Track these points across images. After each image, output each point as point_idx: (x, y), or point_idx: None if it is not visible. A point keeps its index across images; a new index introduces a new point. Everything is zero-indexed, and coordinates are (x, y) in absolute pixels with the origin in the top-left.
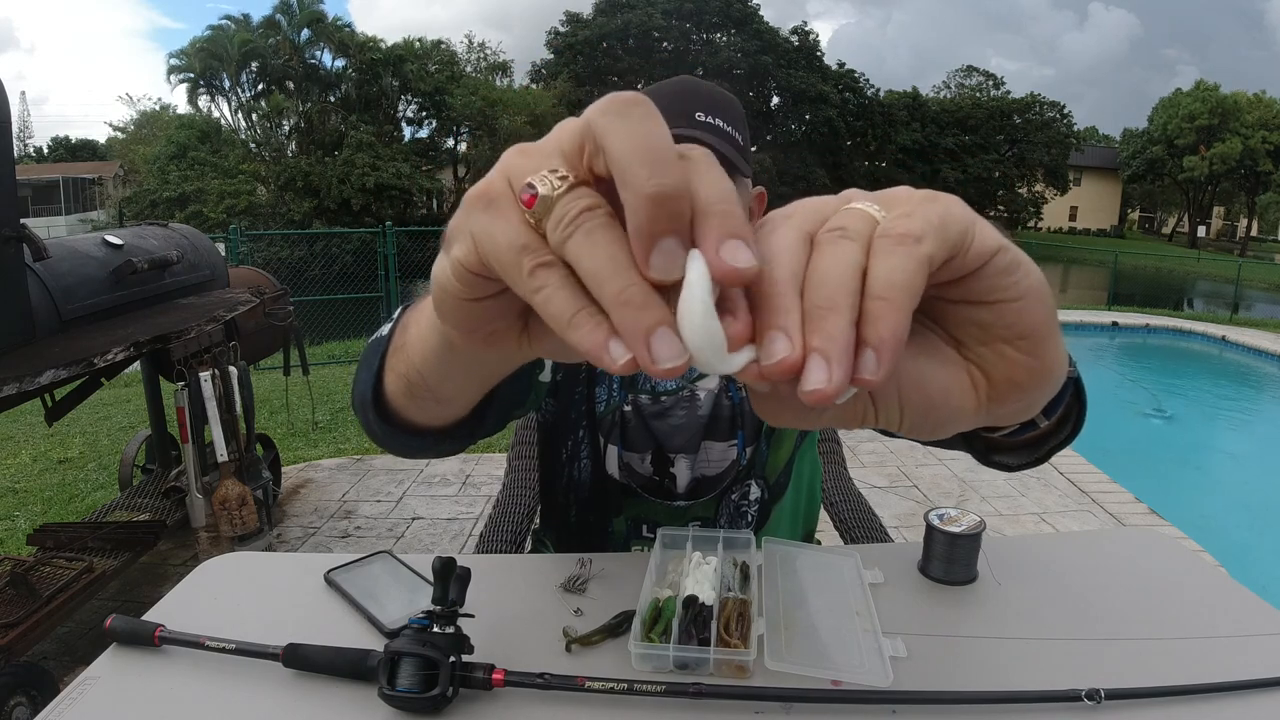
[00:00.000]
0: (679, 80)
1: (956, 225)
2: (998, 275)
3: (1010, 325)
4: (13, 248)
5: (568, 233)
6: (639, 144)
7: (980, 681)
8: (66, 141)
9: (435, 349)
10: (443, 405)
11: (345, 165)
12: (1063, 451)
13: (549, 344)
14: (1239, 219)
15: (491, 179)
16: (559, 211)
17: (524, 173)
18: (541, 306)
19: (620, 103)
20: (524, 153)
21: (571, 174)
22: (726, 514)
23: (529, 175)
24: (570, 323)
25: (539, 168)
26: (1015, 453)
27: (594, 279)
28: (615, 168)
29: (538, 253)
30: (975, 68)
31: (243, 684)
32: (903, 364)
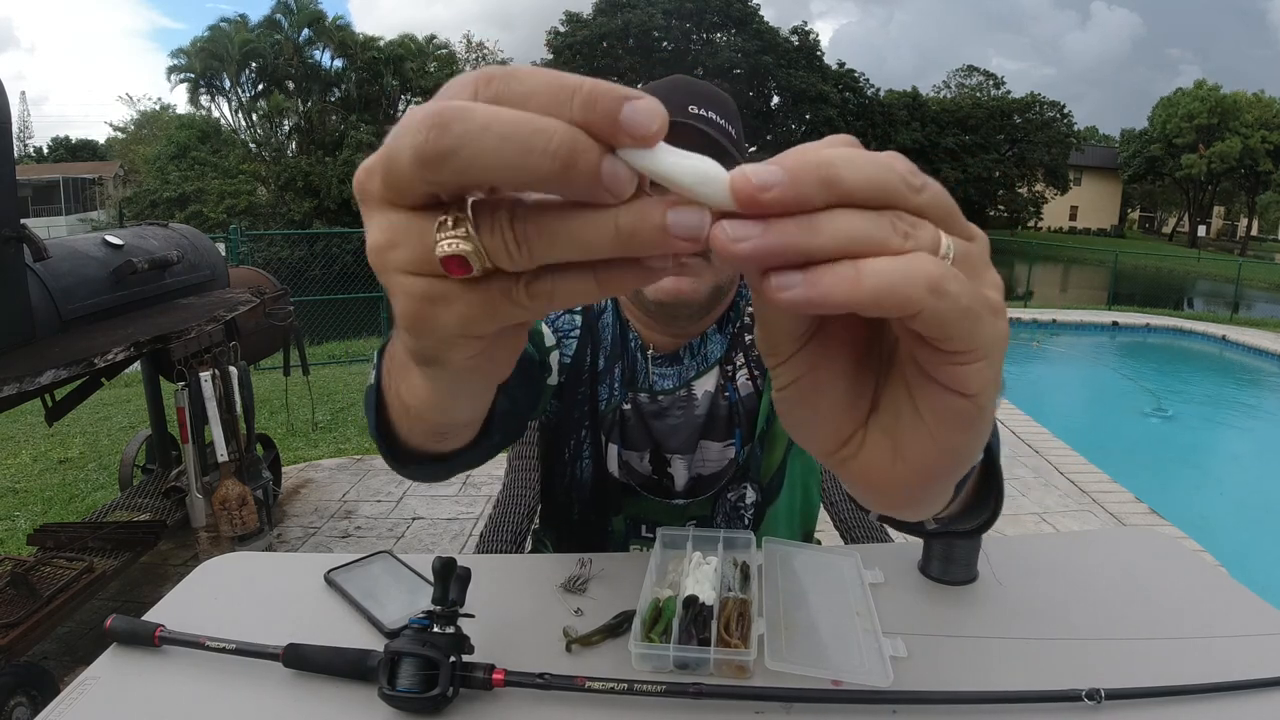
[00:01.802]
0: (673, 78)
1: (984, 342)
2: (956, 381)
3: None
4: (13, 248)
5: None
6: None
7: (980, 681)
8: (66, 141)
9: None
10: (459, 431)
11: (345, 165)
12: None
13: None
14: (1239, 219)
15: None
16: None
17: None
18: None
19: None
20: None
21: (468, 206)
22: (723, 513)
23: (410, 256)
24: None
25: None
26: (914, 533)
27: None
28: (503, 185)
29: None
30: (975, 67)
31: (243, 684)
32: (831, 368)
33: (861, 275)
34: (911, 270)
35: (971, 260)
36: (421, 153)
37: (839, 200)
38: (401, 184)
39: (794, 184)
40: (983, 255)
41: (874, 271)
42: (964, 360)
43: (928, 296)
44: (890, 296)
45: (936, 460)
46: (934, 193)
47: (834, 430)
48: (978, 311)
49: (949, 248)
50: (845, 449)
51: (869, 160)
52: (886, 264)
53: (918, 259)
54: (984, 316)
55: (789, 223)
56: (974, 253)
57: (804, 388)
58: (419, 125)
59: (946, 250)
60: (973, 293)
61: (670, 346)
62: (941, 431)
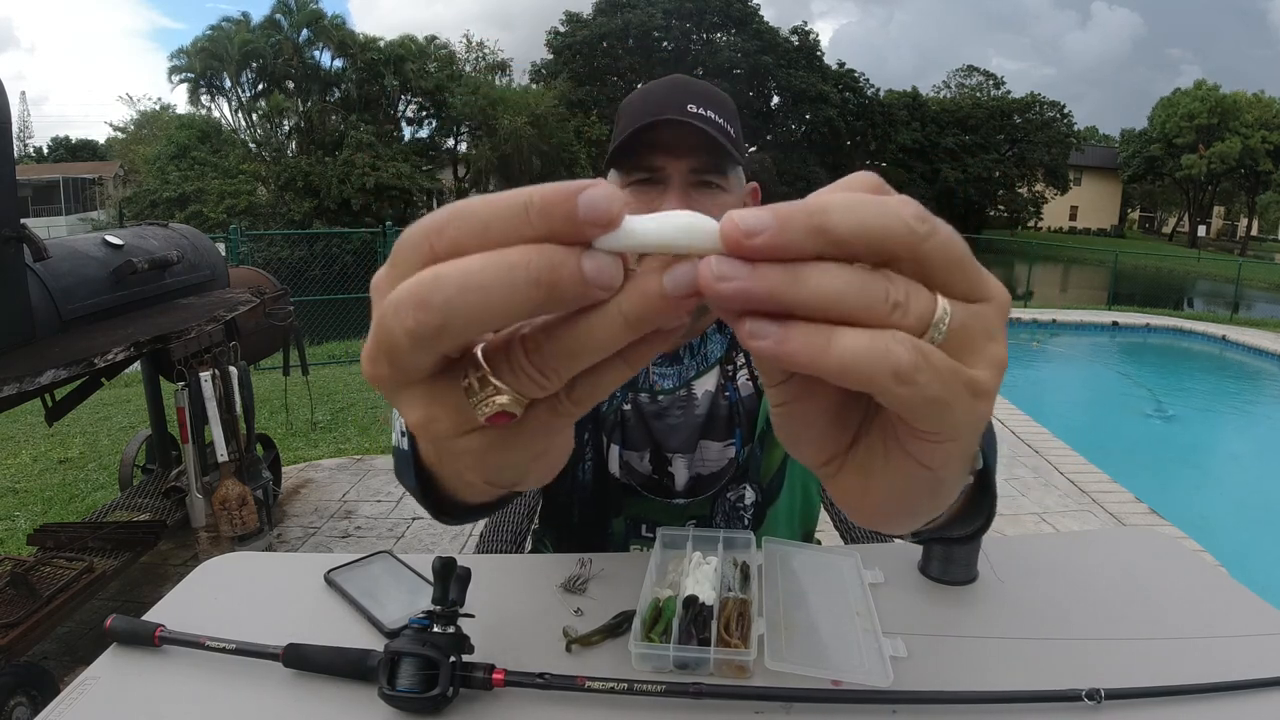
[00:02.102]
0: (672, 77)
1: (964, 431)
2: (926, 454)
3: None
4: (13, 248)
5: (550, 378)
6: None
7: (980, 681)
8: (66, 141)
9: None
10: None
11: (345, 165)
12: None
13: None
14: (1239, 219)
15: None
16: (525, 387)
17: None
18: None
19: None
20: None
21: (482, 361)
22: (722, 513)
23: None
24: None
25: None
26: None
27: (505, 311)
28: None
29: (555, 404)
30: (975, 67)
31: (243, 684)
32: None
33: (831, 346)
34: (880, 353)
35: (970, 333)
36: (416, 335)
37: (832, 249)
38: (410, 365)
39: (782, 230)
40: (992, 321)
41: (843, 346)
42: (930, 440)
43: (892, 383)
44: (854, 374)
45: (898, 507)
46: (943, 240)
47: (817, 451)
48: (948, 400)
49: (943, 317)
50: (827, 468)
51: (868, 205)
52: (858, 341)
53: (892, 342)
54: (957, 403)
55: (775, 270)
56: (978, 321)
57: (793, 411)
58: (402, 309)
59: (940, 317)
60: (946, 380)
61: (670, 347)
62: (902, 488)
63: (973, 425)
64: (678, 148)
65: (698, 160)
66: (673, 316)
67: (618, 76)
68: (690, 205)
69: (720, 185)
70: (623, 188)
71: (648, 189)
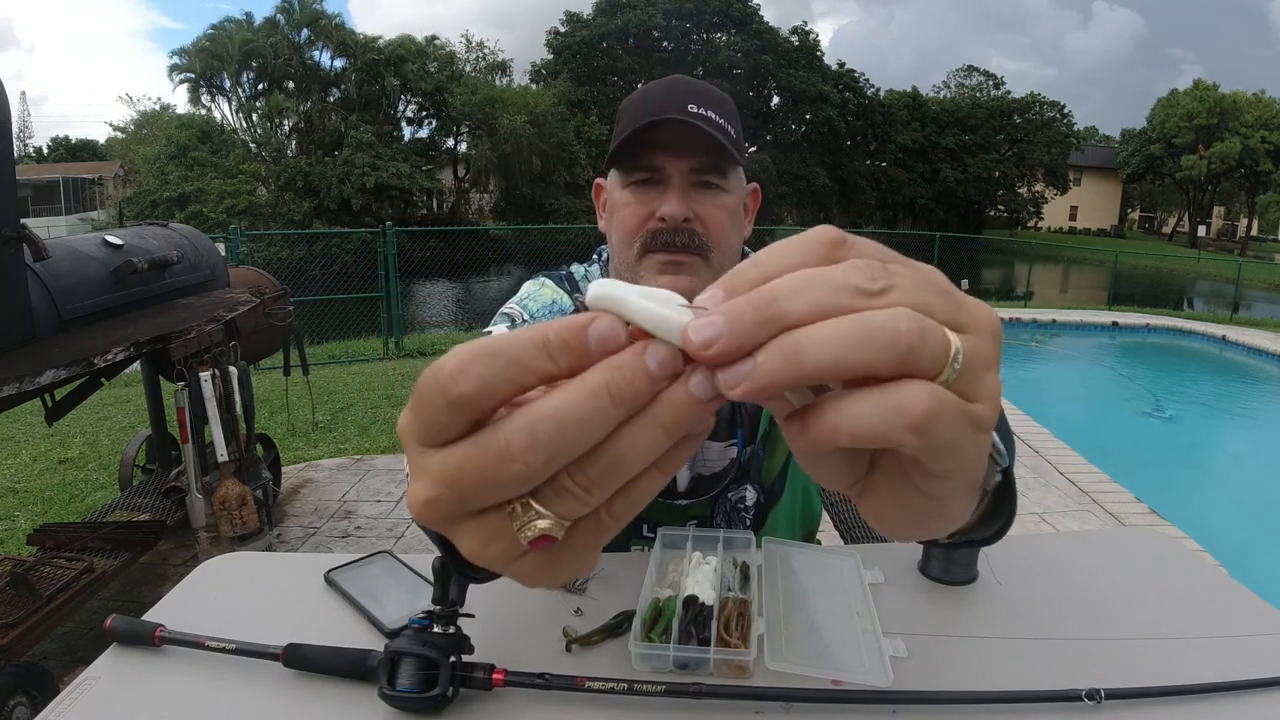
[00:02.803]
0: (673, 77)
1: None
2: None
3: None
4: (13, 248)
5: (595, 497)
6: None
7: (980, 681)
8: (66, 141)
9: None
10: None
11: (345, 165)
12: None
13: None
14: (1239, 219)
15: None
16: (564, 510)
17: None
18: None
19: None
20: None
21: (524, 491)
22: (723, 513)
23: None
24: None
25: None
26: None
27: (639, 463)
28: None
29: (599, 520)
30: (975, 67)
31: (243, 684)
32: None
33: (840, 420)
34: (893, 413)
35: (977, 363)
36: (524, 477)
37: (794, 327)
38: (480, 502)
39: (733, 335)
40: (989, 350)
41: (853, 416)
42: (939, 475)
43: (908, 436)
44: (868, 438)
45: (914, 528)
46: (906, 288)
47: (837, 481)
48: (960, 442)
49: (958, 353)
50: (852, 490)
51: (814, 280)
52: (867, 406)
53: (906, 397)
54: (966, 444)
55: (773, 355)
56: (980, 352)
57: (805, 450)
58: (514, 453)
59: (955, 355)
60: (960, 423)
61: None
62: (912, 512)
63: (977, 460)
64: (678, 147)
65: (698, 160)
66: (702, 419)
67: (618, 76)
68: (689, 205)
69: (720, 185)
70: (623, 187)
71: (648, 189)
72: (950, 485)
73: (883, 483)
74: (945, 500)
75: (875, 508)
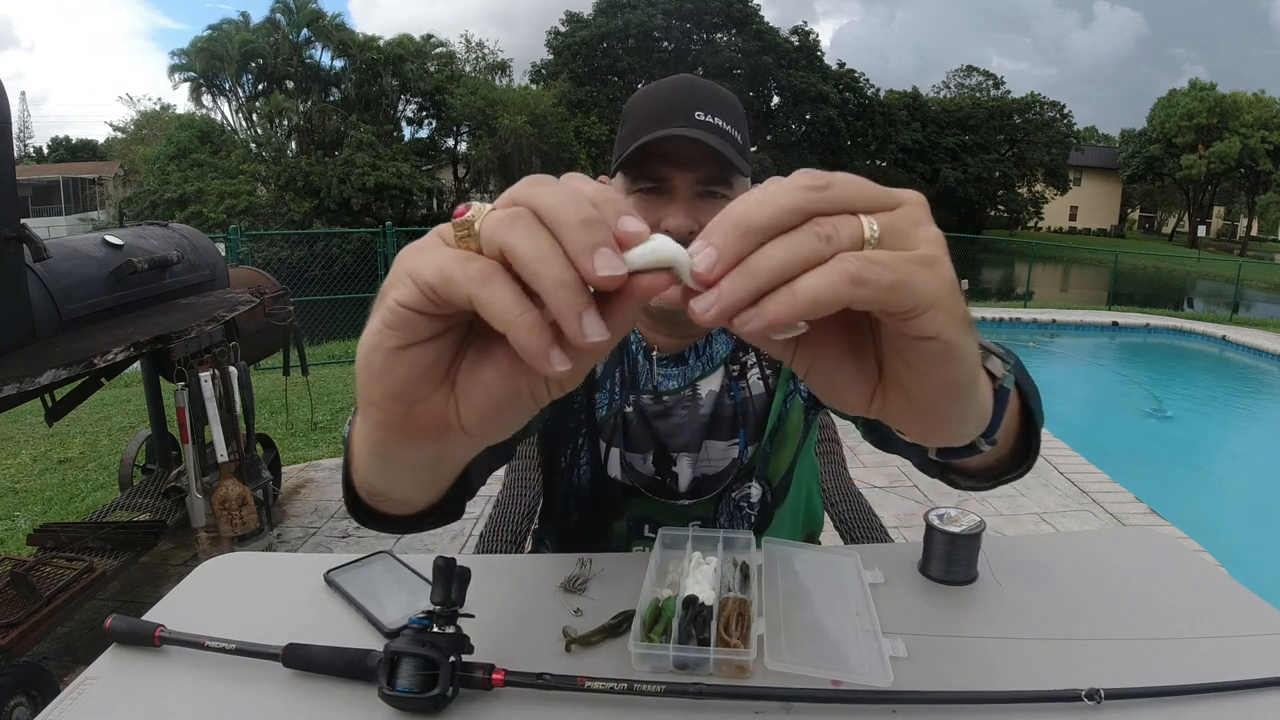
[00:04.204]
0: (679, 78)
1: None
2: (921, 356)
3: (921, 372)
4: (13, 248)
5: (505, 225)
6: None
7: (980, 681)
8: (66, 141)
9: (371, 457)
10: (407, 504)
11: (345, 165)
12: (1063, 452)
13: (479, 403)
14: (1239, 219)
15: (418, 242)
16: (494, 217)
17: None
18: (486, 304)
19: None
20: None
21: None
22: (726, 513)
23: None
24: (516, 321)
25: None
26: (968, 476)
27: (534, 263)
28: (545, 214)
29: (479, 260)
30: (975, 67)
31: (243, 684)
32: (830, 352)
33: (796, 294)
34: (831, 274)
35: (901, 227)
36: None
37: (765, 237)
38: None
39: (724, 254)
40: (914, 216)
41: (804, 289)
42: (914, 315)
43: (851, 288)
44: (824, 299)
45: (939, 393)
46: (841, 185)
47: (858, 394)
48: (906, 279)
49: (873, 229)
50: (874, 404)
51: (773, 193)
52: (811, 277)
53: (836, 263)
54: (916, 278)
55: (731, 278)
56: (902, 219)
57: (817, 372)
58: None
59: (871, 233)
60: (895, 265)
61: (675, 348)
62: (928, 369)
63: (939, 290)
64: (685, 159)
65: (705, 172)
66: (569, 307)
67: (618, 76)
68: (695, 217)
69: (725, 195)
70: (628, 194)
71: (653, 198)
72: (933, 321)
73: (894, 365)
74: (941, 339)
75: (899, 403)
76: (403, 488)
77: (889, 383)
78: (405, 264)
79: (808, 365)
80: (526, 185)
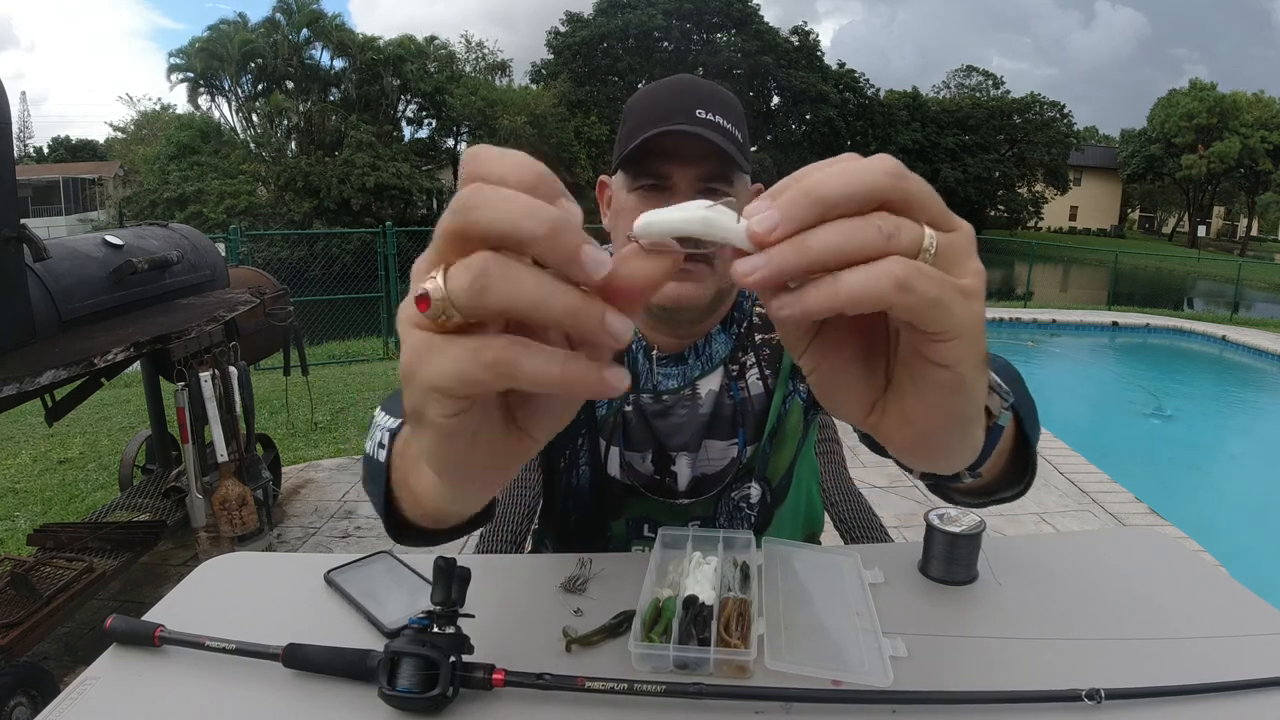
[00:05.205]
0: (679, 78)
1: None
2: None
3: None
4: (13, 248)
5: (479, 289)
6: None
7: (980, 681)
8: (66, 141)
9: (452, 500)
10: (461, 516)
11: (345, 165)
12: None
13: (546, 424)
14: (1239, 219)
15: (409, 338)
16: (459, 281)
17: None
18: (529, 382)
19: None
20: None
21: (441, 265)
22: (725, 512)
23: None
24: (564, 377)
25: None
26: (960, 492)
27: (534, 310)
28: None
29: (488, 348)
30: (975, 67)
31: (243, 684)
32: (842, 355)
33: (839, 287)
34: (879, 274)
35: (954, 251)
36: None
37: (831, 213)
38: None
39: (786, 219)
40: (966, 245)
41: (848, 283)
42: (940, 339)
43: (895, 294)
44: (864, 298)
45: (938, 423)
46: (917, 183)
47: (858, 403)
48: (947, 301)
49: (932, 241)
50: (871, 416)
51: (851, 169)
52: (860, 273)
53: (887, 263)
54: (954, 304)
55: (785, 249)
56: (957, 244)
57: (824, 372)
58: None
59: (929, 243)
60: (941, 284)
61: (675, 347)
62: (936, 397)
63: (971, 323)
64: (686, 156)
65: (706, 168)
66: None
67: (618, 76)
68: None
69: (726, 192)
70: (629, 191)
71: (654, 195)
72: (954, 350)
73: (901, 383)
74: (954, 369)
75: (896, 422)
76: (472, 506)
77: (892, 400)
78: (420, 379)
79: (816, 363)
80: (466, 202)
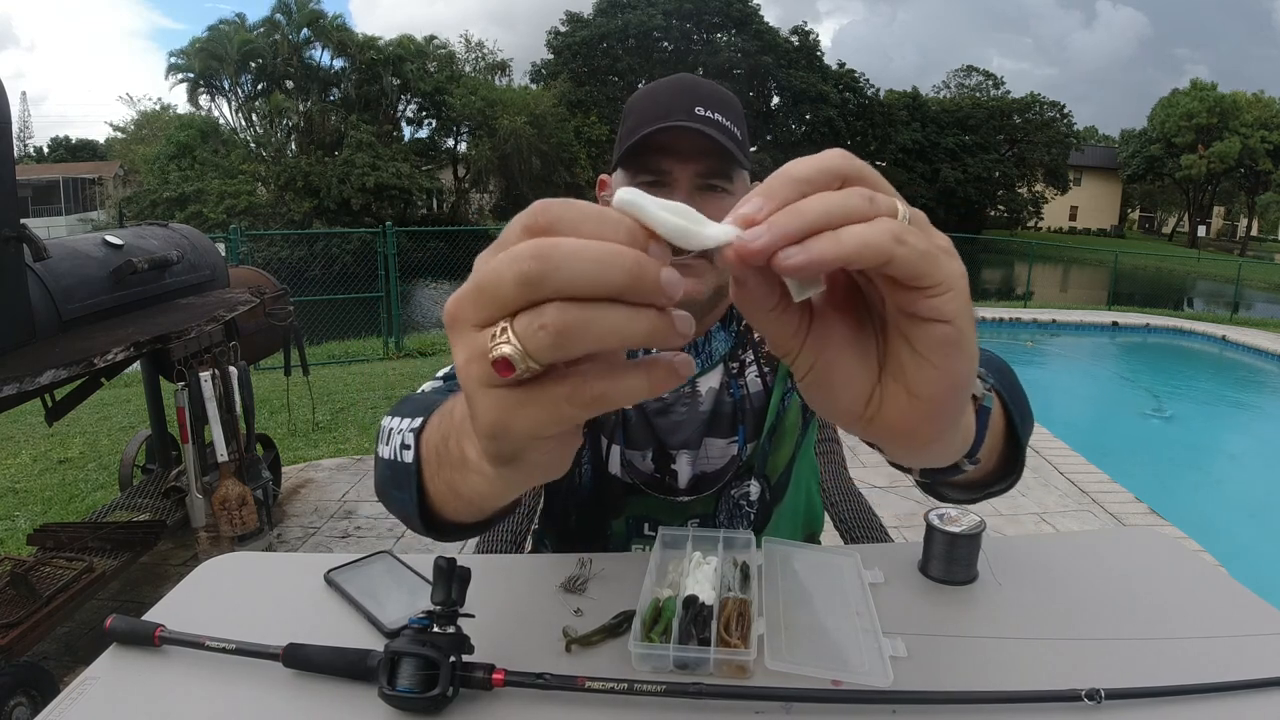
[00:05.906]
0: (679, 77)
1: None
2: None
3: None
4: (13, 248)
5: (565, 342)
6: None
7: (980, 681)
8: (66, 141)
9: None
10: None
11: (345, 165)
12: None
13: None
14: (1239, 219)
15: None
16: (537, 344)
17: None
18: (626, 398)
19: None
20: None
21: (518, 302)
22: (726, 510)
23: (475, 358)
24: (652, 385)
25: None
26: (954, 489)
27: (624, 341)
28: (593, 293)
29: (570, 390)
30: (975, 67)
31: (243, 684)
32: (836, 345)
33: (840, 238)
34: (879, 229)
35: (920, 222)
36: (523, 278)
37: (810, 189)
38: (496, 306)
39: (771, 196)
40: (926, 221)
41: (850, 234)
42: (935, 293)
43: (894, 245)
44: (866, 249)
45: (941, 388)
46: (871, 170)
47: (855, 395)
48: (935, 254)
49: (905, 213)
50: (869, 408)
51: (812, 157)
52: (859, 227)
53: (880, 221)
54: (941, 257)
55: (782, 215)
56: (919, 216)
57: (819, 370)
58: (520, 257)
59: (904, 215)
60: (928, 240)
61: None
62: (936, 357)
63: (958, 277)
64: (685, 152)
65: (705, 165)
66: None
67: (618, 76)
68: (695, 208)
69: (725, 189)
70: None
71: (653, 191)
72: (948, 303)
73: (899, 356)
74: (952, 323)
75: (897, 404)
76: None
77: (891, 380)
78: (518, 432)
79: (813, 357)
80: (539, 251)
